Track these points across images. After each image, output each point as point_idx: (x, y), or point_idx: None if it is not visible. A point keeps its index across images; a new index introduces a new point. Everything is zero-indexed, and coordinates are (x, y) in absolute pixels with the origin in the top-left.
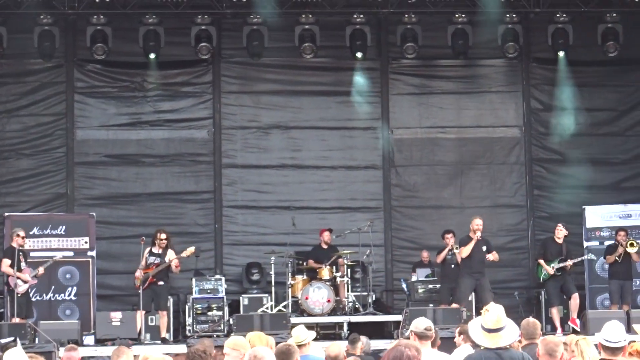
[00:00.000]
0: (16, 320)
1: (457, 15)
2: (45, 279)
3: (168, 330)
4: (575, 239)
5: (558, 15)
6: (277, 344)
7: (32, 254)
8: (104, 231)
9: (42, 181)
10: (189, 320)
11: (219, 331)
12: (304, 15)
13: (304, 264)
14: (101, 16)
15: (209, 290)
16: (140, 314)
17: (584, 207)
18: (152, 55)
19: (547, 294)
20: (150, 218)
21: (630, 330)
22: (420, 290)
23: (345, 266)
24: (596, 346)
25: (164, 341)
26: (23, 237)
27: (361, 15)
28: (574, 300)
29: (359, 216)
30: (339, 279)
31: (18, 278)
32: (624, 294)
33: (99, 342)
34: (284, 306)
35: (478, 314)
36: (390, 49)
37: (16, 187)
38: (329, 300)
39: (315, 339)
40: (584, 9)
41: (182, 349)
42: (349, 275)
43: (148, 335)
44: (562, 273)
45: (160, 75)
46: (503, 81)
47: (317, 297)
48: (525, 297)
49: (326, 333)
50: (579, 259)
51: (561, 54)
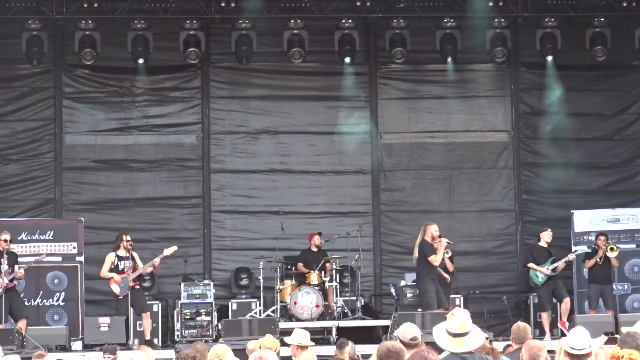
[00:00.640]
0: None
1: (446, 20)
2: (34, 284)
3: (156, 335)
4: (563, 243)
5: (546, 19)
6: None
7: (21, 259)
8: (92, 236)
9: (31, 186)
10: (177, 325)
11: (208, 336)
12: (292, 20)
13: (293, 268)
14: (89, 21)
15: (197, 296)
16: (130, 319)
17: (572, 212)
18: (141, 61)
19: (539, 298)
20: (138, 223)
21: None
22: (408, 295)
23: (333, 271)
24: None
25: (150, 344)
26: (6, 241)
27: (350, 20)
28: (565, 305)
29: (347, 221)
30: (327, 284)
31: None
32: (605, 298)
33: (87, 348)
34: (273, 311)
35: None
36: (379, 53)
37: (4, 193)
38: (317, 305)
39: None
40: (572, 13)
41: (171, 354)
42: (338, 280)
43: (137, 341)
44: (554, 277)
45: (149, 81)
46: (491, 86)
47: (306, 302)
48: (513, 302)
49: (315, 338)
50: (572, 254)
51: (549, 58)
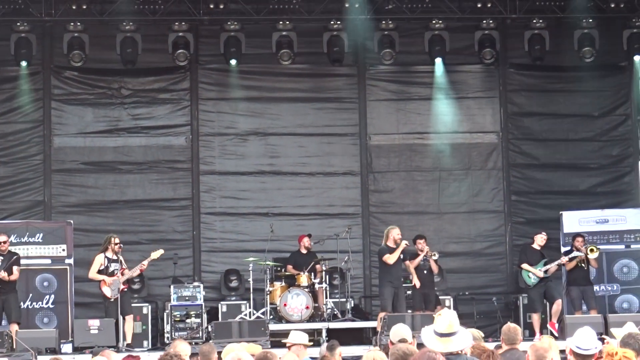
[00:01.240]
0: None
1: (434, 22)
2: (23, 287)
3: (146, 338)
4: (552, 244)
5: (534, 21)
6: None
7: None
8: (81, 239)
9: (20, 189)
10: (167, 327)
11: (198, 338)
12: (281, 22)
13: (283, 270)
14: (78, 23)
15: (187, 298)
16: (120, 322)
17: (561, 212)
18: (130, 62)
19: (530, 299)
20: (127, 225)
21: (608, 334)
22: None
23: (323, 272)
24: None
25: (130, 348)
26: (4, 242)
27: (338, 22)
28: (557, 306)
29: (337, 222)
30: (317, 286)
31: None
32: (587, 299)
33: (77, 350)
34: (263, 313)
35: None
36: (368, 55)
37: None
38: (307, 307)
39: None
40: (560, 15)
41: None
42: (328, 282)
43: (126, 343)
44: (546, 279)
45: (138, 82)
46: (480, 87)
47: (296, 304)
48: (503, 303)
49: None
50: (565, 257)
51: (537, 59)
